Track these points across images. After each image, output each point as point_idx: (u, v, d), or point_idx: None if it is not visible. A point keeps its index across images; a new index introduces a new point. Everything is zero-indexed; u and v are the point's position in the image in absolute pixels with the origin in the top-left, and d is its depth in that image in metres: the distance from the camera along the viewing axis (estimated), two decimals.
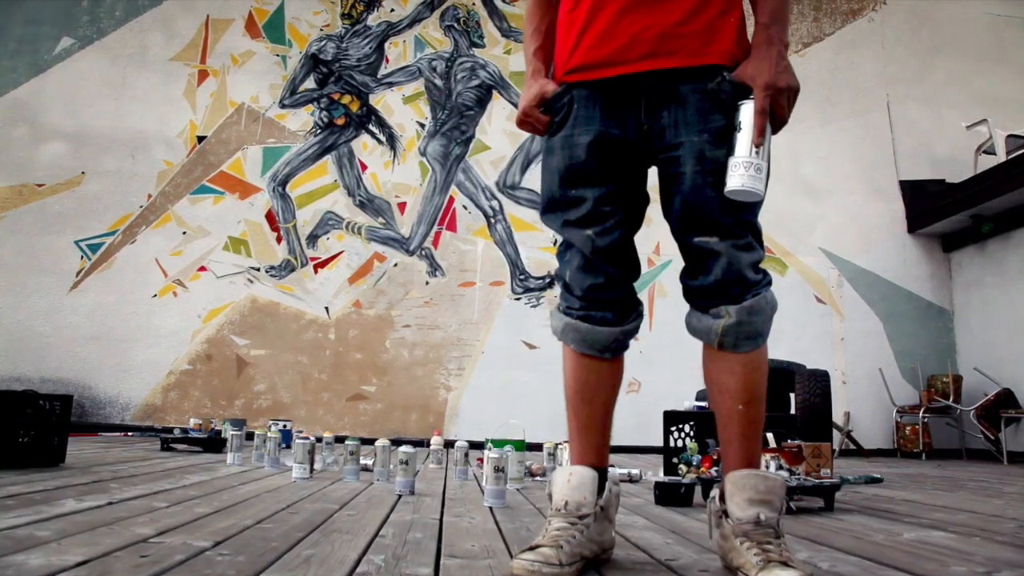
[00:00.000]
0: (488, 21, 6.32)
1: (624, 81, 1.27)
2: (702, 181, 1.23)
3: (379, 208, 5.92)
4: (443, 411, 5.69)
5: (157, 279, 5.77)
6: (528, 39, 1.47)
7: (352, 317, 5.77)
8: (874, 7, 6.76)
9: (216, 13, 6.23)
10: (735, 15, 1.29)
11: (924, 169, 6.50)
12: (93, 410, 5.57)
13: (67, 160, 5.94)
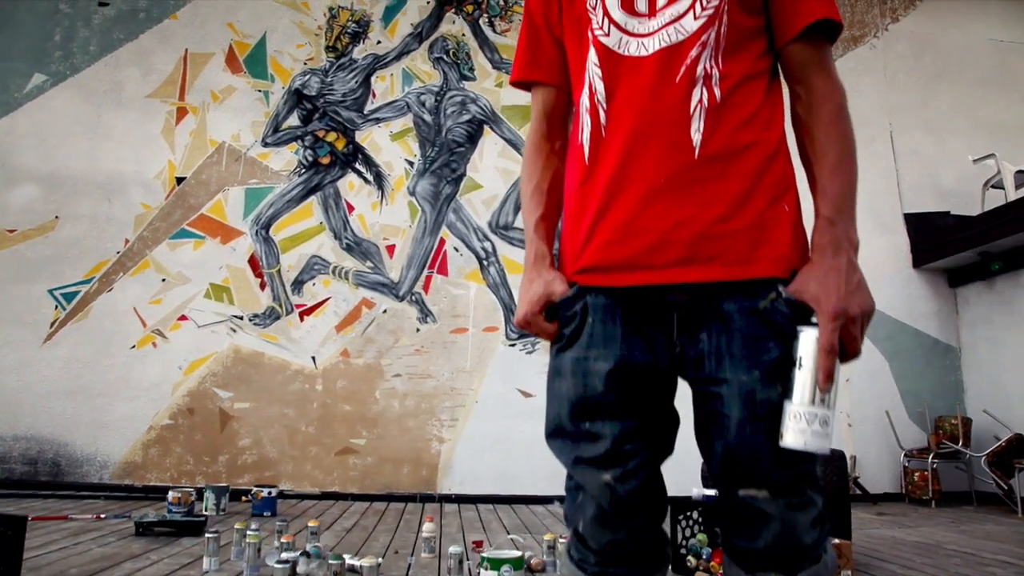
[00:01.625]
0: (479, 53, 6.10)
1: (652, 291, 1.05)
2: (751, 429, 1.00)
3: (367, 251, 5.69)
4: (436, 464, 5.47)
5: (135, 329, 5.52)
6: (527, 203, 1.24)
7: (340, 367, 5.54)
8: (876, 34, 6.58)
9: (195, 47, 5.98)
10: (790, 199, 1.06)
11: (929, 201, 6.32)
12: (70, 469, 5.32)
13: (40, 204, 5.68)
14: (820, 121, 1.07)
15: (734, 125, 1.05)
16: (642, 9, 1.10)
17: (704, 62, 1.06)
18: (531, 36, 1.26)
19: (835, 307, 0.97)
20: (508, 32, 6.16)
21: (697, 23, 1.06)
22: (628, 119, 1.07)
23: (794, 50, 1.09)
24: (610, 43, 1.11)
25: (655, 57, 1.07)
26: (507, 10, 6.17)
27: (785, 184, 1.07)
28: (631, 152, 1.06)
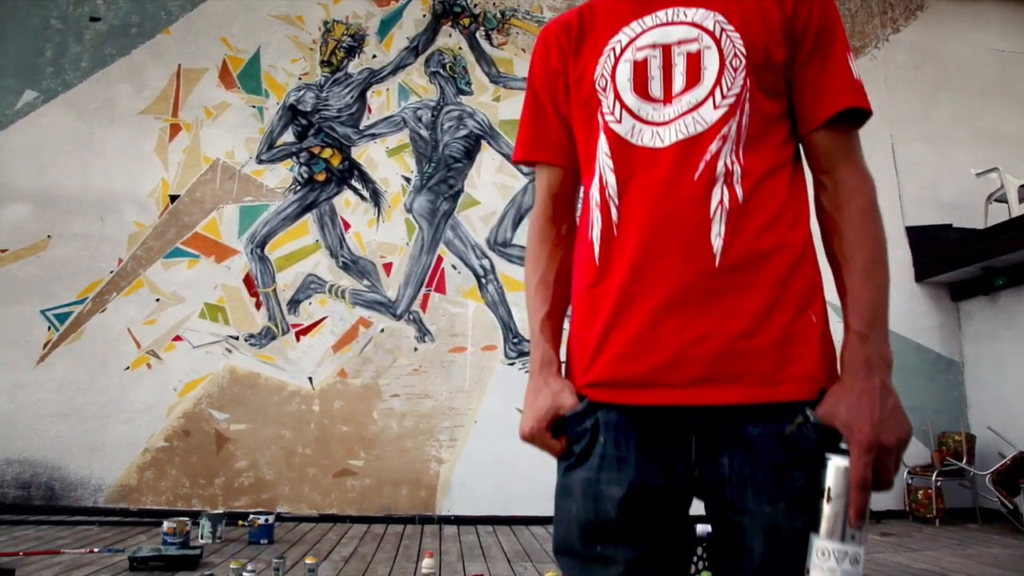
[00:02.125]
0: (476, 67, 6.02)
1: (668, 410, 0.97)
2: (775, 565, 0.93)
3: (364, 270, 5.62)
4: (435, 485, 5.41)
5: (129, 350, 5.45)
6: (533, 296, 1.16)
7: (337, 387, 5.47)
8: (876, 44, 6.52)
9: (188, 62, 5.90)
10: (817, 307, 0.99)
11: (930, 213, 6.26)
12: (64, 492, 5.26)
13: (31, 223, 5.60)
14: (849, 219, 1.01)
15: (757, 228, 0.98)
16: (657, 94, 1.03)
17: (725, 157, 0.99)
18: (535, 113, 1.19)
19: (868, 438, 0.90)
20: (505, 45, 6.09)
21: (717, 113, 0.99)
22: (642, 219, 1.00)
23: (819, 138, 1.02)
24: (622, 131, 1.04)
25: (672, 150, 1.00)
26: (504, 23, 6.10)
27: (812, 290, 1.00)
28: (646, 257, 0.99)
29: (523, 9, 6.17)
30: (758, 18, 1.02)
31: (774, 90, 1.01)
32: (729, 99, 0.99)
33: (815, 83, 1.02)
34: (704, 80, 1.00)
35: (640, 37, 1.05)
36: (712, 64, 1.01)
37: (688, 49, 1.02)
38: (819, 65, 1.01)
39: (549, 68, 1.15)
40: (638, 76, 1.04)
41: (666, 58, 1.03)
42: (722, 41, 1.01)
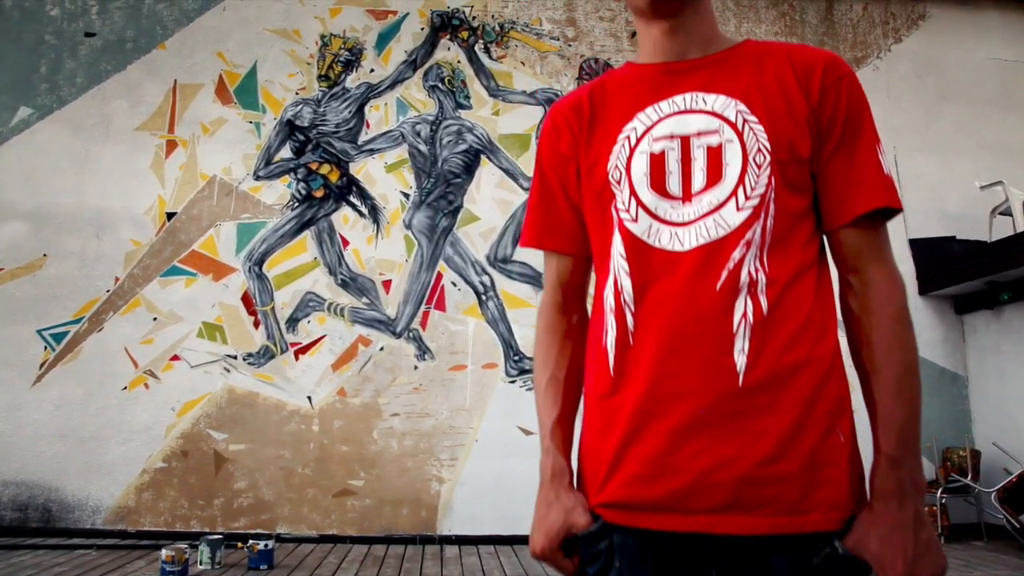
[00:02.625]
0: (475, 80, 5.97)
1: (688, 538, 0.92)
2: None
3: (363, 287, 5.57)
4: (436, 504, 5.36)
5: (127, 370, 5.40)
6: (543, 396, 1.11)
7: (336, 406, 5.42)
8: (878, 55, 6.46)
9: (184, 78, 5.84)
10: (845, 426, 0.93)
11: (934, 225, 6.21)
12: (61, 515, 5.21)
13: (27, 241, 5.55)
14: (878, 326, 0.95)
15: (783, 342, 0.92)
16: (675, 191, 0.97)
17: (748, 264, 0.94)
18: (544, 198, 1.13)
19: (902, 572, 0.86)
20: (504, 58, 6.03)
21: (741, 216, 0.94)
22: (660, 330, 0.95)
23: (847, 236, 0.97)
24: (638, 231, 0.98)
25: (692, 256, 0.94)
26: (503, 36, 6.04)
27: (840, 408, 0.94)
28: (664, 373, 0.94)
29: (522, 22, 6.11)
30: (783, 108, 0.97)
31: (799, 185, 0.96)
32: (753, 200, 0.94)
33: (843, 178, 0.96)
34: (726, 178, 0.95)
35: (657, 126, 1.00)
36: (735, 160, 0.95)
37: (708, 142, 0.97)
38: (847, 158, 0.96)
39: (559, 152, 1.10)
40: (655, 170, 0.98)
41: (685, 151, 0.97)
42: (745, 134, 0.96)
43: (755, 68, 1.01)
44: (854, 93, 0.99)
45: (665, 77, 1.04)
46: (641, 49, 1.10)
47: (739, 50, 1.05)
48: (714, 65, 1.03)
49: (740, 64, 1.02)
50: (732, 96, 0.99)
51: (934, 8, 6.63)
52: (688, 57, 1.04)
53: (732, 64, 1.03)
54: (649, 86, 1.04)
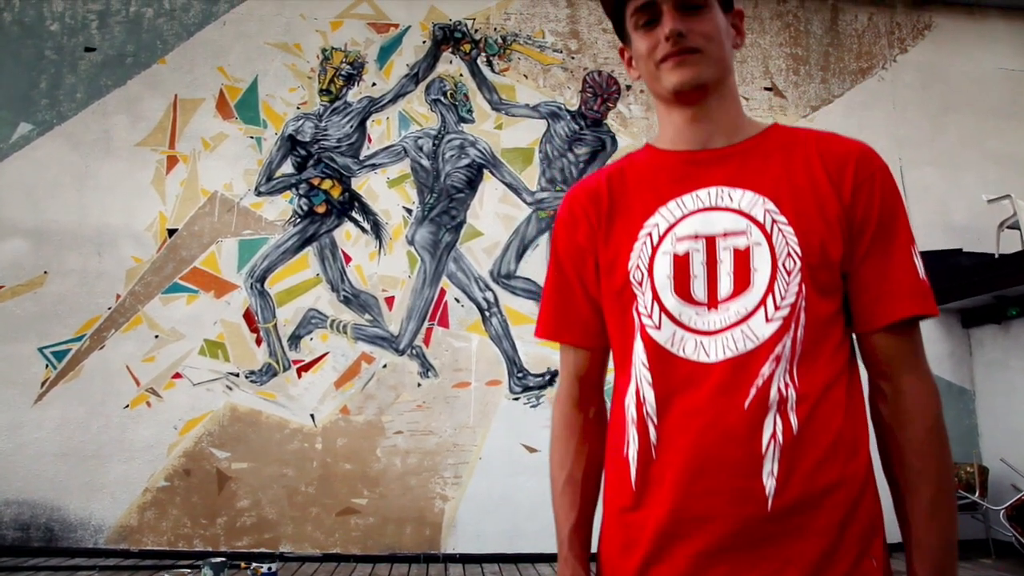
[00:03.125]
0: (477, 94, 5.92)
1: None
2: None
3: (365, 304, 5.53)
4: (440, 523, 5.33)
5: (129, 388, 5.37)
6: (559, 498, 1.08)
7: (340, 425, 5.39)
8: (884, 65, 6.41)
9: (184, 93, 5.80)
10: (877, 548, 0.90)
11: (940, 238, 6.16)
12: (63, 534, 5.18)
13: (28, 259, 5.52)
14: (912, 442, 0.92)
15: (813, 464, 0.88)
16: (700, 296, 0.93)
17: (778, 381, 0.89)
18: (560, 288, 1.08)
19: None
20: (507, 71, 5.99)
21: (770, 328, 0.89)
22: (685, 448, 0.90)
23: (879, 341, 0.93)
24: (661, 339, 0.94)
25: (719, 369, 0.90)
26: (505, 49, 6.00)
27: (872, 530, 0.91)
28: (689, 493, 0.90)
29: (524, 34, 6.07)
30: (813, 208, 0.92)
31: (830, 288, 0.92)
32: (783, 310, 0.90)
33: (876, 281, 0.92)
34: (754, 285, 0.91)
35: (680, 224, 0.95)
36: (763, 265, 0.91)
37: (735, 244, 0.92)
38: (880, 260, 0.92)
39: (576, 243, 1.06)
40: (679, 274, 0.94)
41: (710, 253, 0.93)
42: (773, 236, 0.91)
43: (783, 161, 0.97)
44: (888, 190, 0.95)
45: (688, 167, 1.00)
46: (662, 132, 1.06)
47: (765, 138, 1.00)
48: (739, 156, 0.99)
49: (767, 155, 0.98)
50: (760, 192, 0.95)
51: (940, 17, 6.58)
52: (712, 145, 1.00)
53: (759, 155, 0.98)
54: (671, 177, 1.00)
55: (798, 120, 6.16)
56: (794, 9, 6.42)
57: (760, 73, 6.24)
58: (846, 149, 0.96)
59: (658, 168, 1.03)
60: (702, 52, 0.96)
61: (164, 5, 5.91)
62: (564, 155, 5.84)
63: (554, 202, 5.78)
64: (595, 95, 5.96)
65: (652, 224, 0.99)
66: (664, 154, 1.04)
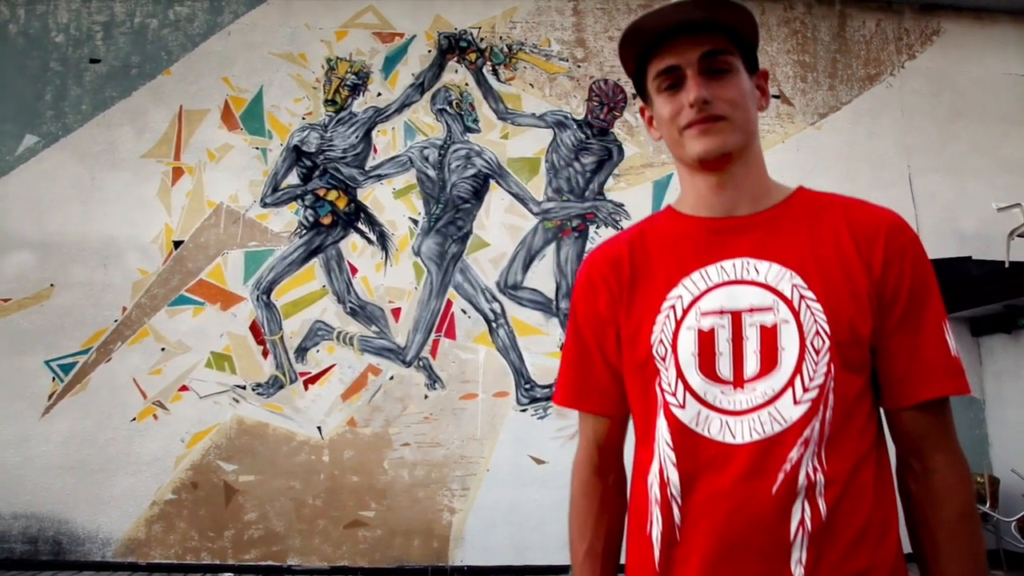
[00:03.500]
0: (483, 103, 5.90)
1: None
2: None
3: (372, 315, 5.51)
4: (447, 535, 5.31)
5: (135, 401, 5.36)
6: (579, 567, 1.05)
7: (347, 437, 5.38)
8: (892, 72, 6.37)
9: (189, 104, 5.79)
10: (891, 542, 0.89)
11: (949, 246, 6.12)
12: (71, 547, 5.18)
13: (34, 271, 5.51)
14: (945, 524, 0.90)
15: (842, 551, 0.86)
16: (726, 374, 0.91)
17: (806, 465, 0.87)
18: (580, 355, 1.06)
19: None
20: (513, 80, 5.96)
21: (798, 410, 0.87)
22: (710, 532, 0.88)
23: (909, 418, 0.91)
24: (686, 418, 0.91)
25: (745, 452, 0.87)
26: (511, 57, 5.97)
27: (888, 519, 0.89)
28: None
29: (530, 43, 6.04)
30: (842, 283, 0.90)
31: (858, 365, 0.90)
32: (811, 392, 0.87)
33: (906, 357, 0.90)
34: (782, 365, 0.88)
35: (704, 297, 0.93)
36: (791, 344, 0.89)
37: (762, 320, 0.90)
38: (911, 335, 0.90)
39: (596, 312, 1.03)
40: (704, 351, 0.92)
41: (736, 329, 0.91)
42: (801, 314, 0.89)
43: (810, 231, 0.94)
44: (918, 262, 0.93)
45: (712, 236, 0.97)
46: (684, 196, 1.03)
47: (791, 205, 0.98)
48: (765, 225, 0.96)
49: (793, 224, 0.95)
50: (786, 265, 0.92)
51: (948, 23, 6.53)
52: (736, 213, 0.98)
53: (785, 224, 0.96)
54: (694, 246, 0.98)
55: (806, 128, 6.12)
56: (801, 16, 6.38)
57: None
58: (876, 220, 0.94)
59: (681, 235, 1.00)
60: (727, 119, 0.94)
61: (169, 16, 5.90)
62: (570, 164, 5.82)
63: (560, 212, 5.76)
64: (601, 104, 5.93)
65: (675, 296, 0.96)
66: (687, 220, 1.01)
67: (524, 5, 6.11)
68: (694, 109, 0.93)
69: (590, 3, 6.16)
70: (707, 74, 0.94)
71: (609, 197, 5.82)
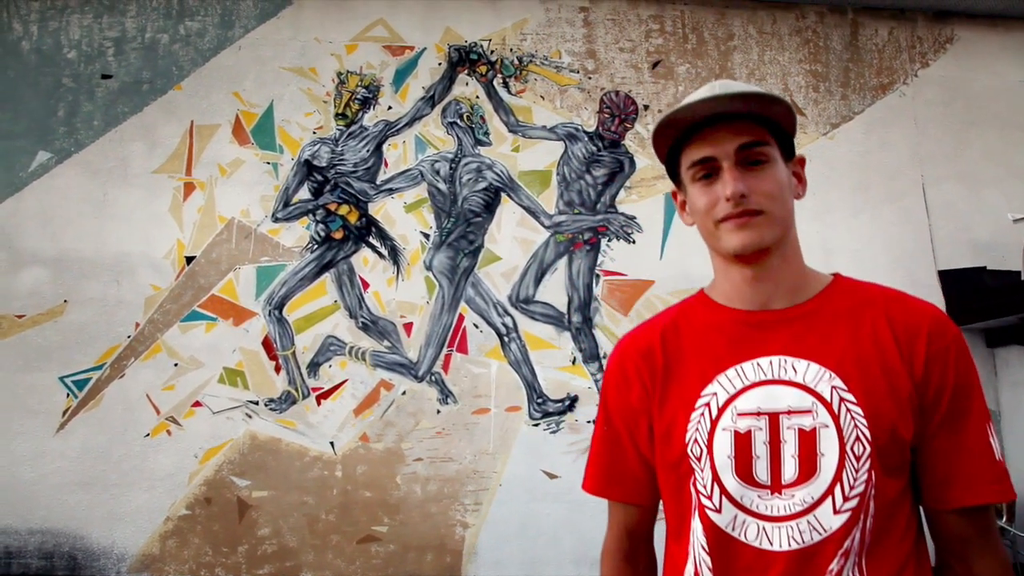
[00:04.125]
0: (494, 116, 5.89)
1: None
2: None
3: (384, 330, 5.51)
4: (460, 550, 5.32)
5: (149, 417, 5.38)
6: None
7: (359, 452, 5.39)
8: (905, 81, 6.32)
9: (200, 119, 5.80)
10: None
11: (964, 256, 6.08)
12: (86, 563, 5.21)
13: (48, 288, 5.53)
14: None
15: None
16: (763, 478, 0.89)
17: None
18: (611, 444, 1.05)
19: None
20: (523, 93, 5.95)
21: (839, 519, 0.86)
22: None
23: (951, 521, 0.90)
24: (722, 523, 0.90)
25: (783, 560, 0.86)
26: (522, 70, 5.96)
27: None
28: None
29: (541, 55, 6.02)
30: (884, 386, 0.88)
31: (899, 467, 0.89)
32: (852, 501, 0.86)
33: (949, 460, 0.89)
34: (821, 472, 0.87)
35: (740, 397, 0.92)
36: (830, 450, 0.87)
37: (800, 424, 0.89)
38: (953, 438, 0.89)
39: (629, 404, 1.02)
40: (740, 454, 0.90)
41: (773, 432, 0.90)
42: (841, 418, 0.88)
43: (849, 327, 0.93)
44: (962, 363, 0.91)
45: (747, 330, 0.96)
46: (718, 284, 1.02)
47: (829, 297, 0.96)
48: (802, 319, 0.95)
49: (832, 320, 0.94)
50: (825, 365, 0.91)
51: (962, 30, 6.48)
52: (773, 306, 0.96)
53: (823, 319, 0.94)
54: (729, 339, 0.96)
55: (818, 138, 6.09)
56: (813, 25, 6.34)
57: (779, 91, 6.16)
58: (917, 318, 0.92)
59: (715, 328, 0.99)
60: (765, 213, 0.93)
61: (179, 31, 5.91)
62: (582, 177, 5.80)
63: (572, 225, 5.75)
64: (612, 115, 5.91)
65: (710, 393, 0.95)
66: (721, 311, 1.00)
67: (534, 16, 6.10)
68: (730, 203, 0.91)
69: (601, 14, 6.14)
70: (743, 165, 0.93)
71: (621, 209, 5.81)
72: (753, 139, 0.93)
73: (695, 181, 0.95)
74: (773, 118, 0.93)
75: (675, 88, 6.11)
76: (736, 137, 0.92)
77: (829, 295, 0.96)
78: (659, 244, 5.83)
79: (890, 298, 0.95)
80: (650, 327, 1.05)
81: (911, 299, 0.94)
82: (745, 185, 0.90)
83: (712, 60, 6.22)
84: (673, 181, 1.01)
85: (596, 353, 5.57)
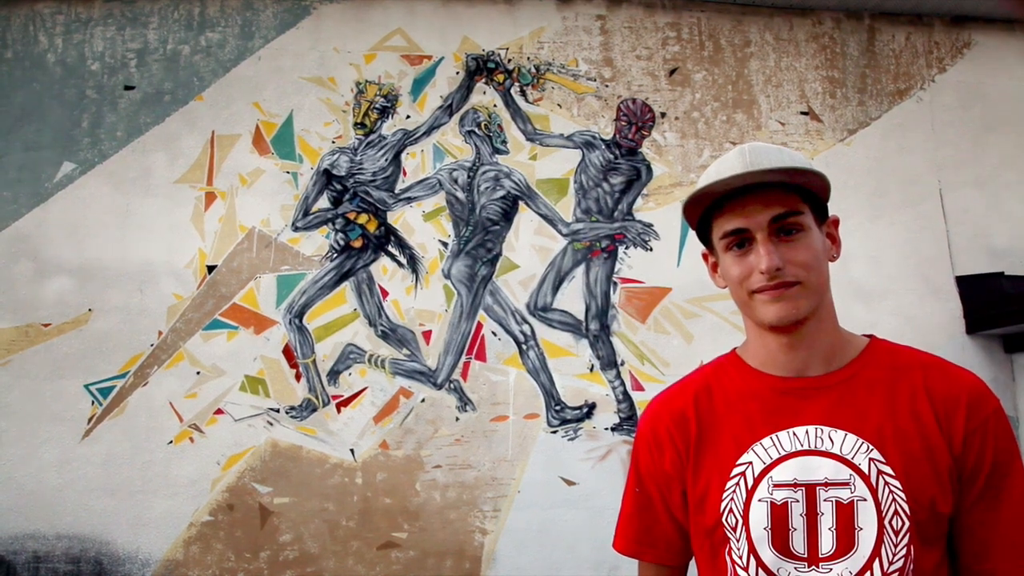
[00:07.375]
0: (511, 124, 5.93)
1: None
2: None
3: (403, 338, 5.57)
4: (479, 556, 5.36)
5: (172, 424, 5.46)
6: None
7: (379, 459, 5.44)
8: (922, 86, 6.31)
9: (221, 129, 5.87)
10: None
11: (981, 262, 6.07)
12: (112, 568, 5.29)
13: (73, 296, 5.62)
14: None
15: None
16: (800, 550, 0.90)
17: None
18: (644, 509, 1.06)
19: None
20: (540, 101, 5.98)
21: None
22: None
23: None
24: None
25: None
26: (539, 78, 5.99)
27: None
28: None
29: (557, 63, 6.05)
30: (923, 459, 0.89)
31: (936, 538, 0.90)
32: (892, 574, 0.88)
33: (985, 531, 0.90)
34: (859, 546, 0.89)
35: (777, 467, 0.93)
36: (869, 524, 0.89)
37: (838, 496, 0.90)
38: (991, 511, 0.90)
39: (662, 469, 1.04)
40: (777, 526, 0.92)
41: (810, 504, 0.91)
42: (879, 491, 0.89)
43: (886, 397, 0.93)
44: (1001, 437, 0.92)
45: (783, 399, 0.97)
46: (752, 348, 1.02)
47: (865, 365, 0.97)
48: (839, 387, 0.96)
49: (869, 388, 0.95)
50: (862, 436, 0.92)
51: (979, 35, 6.46)
52: (808, 373, 0.97)
53: (859, 388, 0.95)
54: (764, 407, 0.97)
55: (835, 144, 6.09)
56: (830, 31, 6.34)
57: (796, 97, 6.17)
58: (956, 389, 0.92)
59: (750, 395, 1.00)
60: (801, 284, 0.93)
61: (200, 42, 5.98)
62: (599, 185, 5.83)
63: (589, 233, 5.78)
64: (629, 123, 5.94)
65: (745, 463, 0.95)
66: (756, 377, 1.00)
67: (551, 25, 6.13)
68: (765, 275, 0.92)
69: (617, 22, 6.16)
70: (777, 235, 0.94)
71: (638, 217, 5.83)
72: (786, 209, 0.94)
73: (728, 250, 0.96)
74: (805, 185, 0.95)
75: (692, 95, 6.13)
76: (769, 208, 0.93)
77: (865, 361, 0.97)
78: (676, 251, 5.85)
79: (928, 365, 0.95)
80: (682, 389, 1.05)
81: (950, 367, 0.95)
82: (780, 257, 0.91)
83: (729, 67, 6.23)
84: (703, 244, 1.02)
85: (614, 360, 5.61)
